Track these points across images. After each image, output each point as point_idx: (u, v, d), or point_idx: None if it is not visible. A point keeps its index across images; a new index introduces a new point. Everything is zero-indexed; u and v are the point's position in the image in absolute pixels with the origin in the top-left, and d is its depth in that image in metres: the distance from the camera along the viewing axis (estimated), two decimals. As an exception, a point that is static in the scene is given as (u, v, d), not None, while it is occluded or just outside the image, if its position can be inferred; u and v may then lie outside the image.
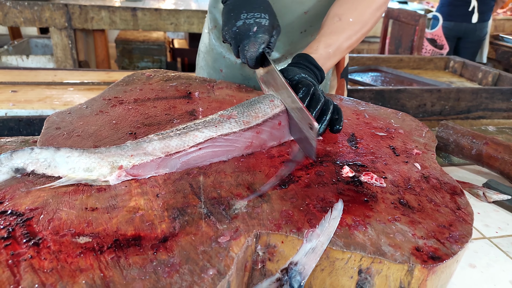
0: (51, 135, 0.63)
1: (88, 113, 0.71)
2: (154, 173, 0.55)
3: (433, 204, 0.54)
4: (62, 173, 0.50)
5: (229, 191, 0.53)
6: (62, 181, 0.50)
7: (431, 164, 0.64)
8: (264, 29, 0.68)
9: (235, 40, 0.69)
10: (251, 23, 0.67)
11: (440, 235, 0.48)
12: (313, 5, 0.89)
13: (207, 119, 0.63)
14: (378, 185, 0.56)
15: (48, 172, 0.50)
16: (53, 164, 0.50)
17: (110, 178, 0.51)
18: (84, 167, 0.51)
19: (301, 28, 0.93)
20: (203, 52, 1.09)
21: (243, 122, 0.63)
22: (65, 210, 0.46)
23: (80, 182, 0.50)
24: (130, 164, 0.53)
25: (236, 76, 1.03)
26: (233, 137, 0.61)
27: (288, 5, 0.89)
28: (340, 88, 1.10)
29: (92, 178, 0.51)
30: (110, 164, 0.52)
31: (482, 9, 3.03)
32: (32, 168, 0.50)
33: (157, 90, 0.84)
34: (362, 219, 0.49)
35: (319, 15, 0.91)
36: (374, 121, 0.78)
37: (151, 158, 0.54)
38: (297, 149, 0.65)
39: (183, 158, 0.57)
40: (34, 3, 2.62)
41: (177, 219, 0.47)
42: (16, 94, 1.60)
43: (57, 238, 0.42)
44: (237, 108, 0.66)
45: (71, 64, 2.79)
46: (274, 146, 0.65)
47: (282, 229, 0.46)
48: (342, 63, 1.07)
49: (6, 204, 0.47)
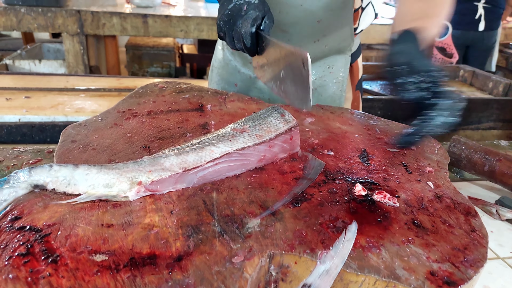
0: (67, 148, 0.64)
1: (103, 125, 0.72)
2: (171, 188, 0.56)
3: (447, 225, 0.53)
4: (82, 190, 0.51)
5: (242, 209, 0.53)
6: (83, 197, 0.51)
7: (444, 183, 0.64)
8: (254, 6, 0.69)
9: (228, 24, 0.70)
10: (241, 3, 0.69)
11: (454, 259, 0.47)
12: (326, 14, 0.89)
13: (220, 133, 0.64)
14: (391, 204, 0.56)
15: (68, 191, 0.51)
16: (72, 182, 0.51)
17: (129, 193, 0.52)
18: (103, 183, 0.52)
19: (314, 38, 0.93)
20: (216, 68, 1.10)
21: (256, 136, 0.64)
22: (82, 226, 0.47)
23: (100, 198, 0.51)
24: (149, 179, 0.54)
25: (251, 90, 1.04)
26: (247, 151, 0.62)
27: (301, 14, 0.89)
28: (355, 101, 1.09)
29: (112, 194, 0.52)
30: (129, 180, 0.53)
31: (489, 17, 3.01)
32: (52, 187, 0.51)
33: (170, 103, 0.84)
34: (376, 241, 0.49)
35: (332, 24, 0.91)
36: (385, 137, 0.78)
37: (169, 173, 0.55)
38: (310, 167, 0.65)
39: (200, 173, 0.58)
40: (48, 10, 2.67)
41: (191, 237, 0.47)
42: (29, 100, 1.63)
43: (75, 256, 0.43)
44: (248, 122, 0.67)
45: (82, 69, 2.83)
46: (285, 158, 0.66)
47: (296, 250, 0.46)
48: (357, 74, 1.07)
49: (25, 219, 0.47)
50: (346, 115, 0.87)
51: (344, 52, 0.98)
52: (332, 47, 0.96)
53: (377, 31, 3.31)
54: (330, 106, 0.91)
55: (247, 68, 1.02)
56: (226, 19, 0.70)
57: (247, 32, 0.67)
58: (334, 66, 0.99)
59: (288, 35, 0.92)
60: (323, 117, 0.85)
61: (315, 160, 0.66)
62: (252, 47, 0.69)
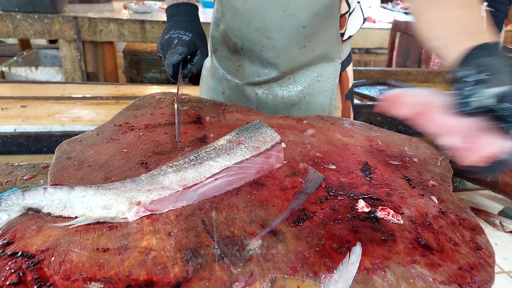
0: (62, 166, 0.62)
1: (99, 140, 0.71)
2: (171, 207, 0.54)
3: (452, 243, 0.52)
4: (79, 213, 0.50)
5: (243, 229, 0.51)
6: (80, 220, 0.49)
7: (448, 198, 0.63)
8: (183, 43, 0.78)
9: (162, 51, 0.81)
10: (174, 37, 0.79)
11: (461, 280, 0.46)
12: (310, 20, 0.88)
13: (216, 146, 0.63)
14: (395, 221, 0.55)
15: (64, 214, 0.49)
16: (68, 204, 0.49)
17: (128, 214, 0.51)
18: (101, 204, 0.50)
19: (300, 44, 0.92)
20: (205, 77, 1.10)
21: (253, 147, 0.63)
22: (77, 251, 0.45)
23: (98, 220, 0.50)
24: (148, 199, 0.52)
25: (238, 98, 1.03)
26: (246, 164, 0.61)
27: (285, 20, 0.88)
28: (346, 110, 1.07)
29: (111, 215, 0.50)
30: (128, 200, 0.52)
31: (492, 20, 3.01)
32: (48, 210, 0.49)
33: (168, 115, 0.83)
34: (381, 262, 0.47)
35: (317, 29, 0.90)
36: (387, 149, 0.77)
37: (169, 192, 0.54)
38: (309, 180, 0.63)
39: (200, 189, 0.57)
40: (44, 16, 2.65)
41: (190, 261, 0.45)
42: (25, 110, 1.61)
43: (69, 284, 0.41)
44: (243, 133, 0.67)
45: (79, 75, 2.81)
46: (286, 173, 0.64)
47: (299, 273, 0.45)
48: (347, 84, 1.05)
49: (17, 245, 0.46)
50: (346, 126, 0.86)
51: (333, 60, 0.97)
52: (320, 53, 0.95)
53: (376, 35, 3.31)
54: (330, 117, 0.90)
55: (234, 76, 1.02)
56: (160, 47, 0.81)
57: (169, 64, 0.77)
58: (323, 75, 0.97)
59: (273, 41, 0.91)
60: (323, 128, 0.83)
61: (315, 173, 0.65)
62: (173, 76, 0.79)
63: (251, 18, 0.90)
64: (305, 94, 0.99)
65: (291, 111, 1.00)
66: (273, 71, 0.97)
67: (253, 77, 0.99)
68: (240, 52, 0.98)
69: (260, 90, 1.00)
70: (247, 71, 1.00)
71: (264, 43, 0.92)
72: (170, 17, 0.86)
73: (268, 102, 1.00)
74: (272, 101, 1.00)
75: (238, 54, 1.00)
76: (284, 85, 0.99)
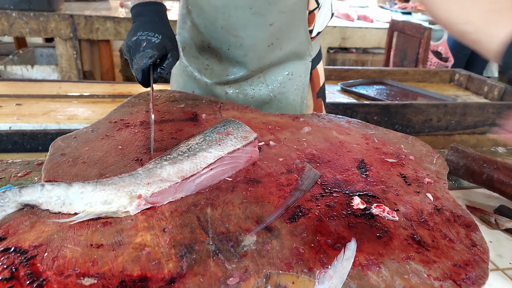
0: (56, 162, 0.62)
1: (93, 137, 0.70)
2: (171, 199, 0.55)
3: (447, 240, 0.52)
4: (79, 209, 0.49)
5: (238, 225, 0.51)
6: (81, 216, 0.49)
7: (444, 195, 0.63)
8: (152, 45, 0.72)
9: (129, 54, 0.75)
10: (142, 39, 0.73)
11: (456, 276, 0.46)
12: (277, 17, 0.87)
13: (206, 138, 0.64)
14: (391, 218, 0.55)
15: (63, 210, 0.49)
16: (67, 201, 0.49)
17: (130, 208, 0.51)
18: (101, 200, 0.50)
19: (267, 42, 0.90)
20: (175, 75, 1.07)
21: (242, 137, 0.65)
22: (70, 247, 0.45)
23: (99, 215, 0.50)
24: (149, 192, 0.53)
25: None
26: (237, 153, 0.63)
27: (251, 18, 0.86)
28: (317, 109, 1.06)
29: (112, 210, 0.50)
30: (128, 194, 0.52)
31: None
32: (46, 207, 0.49)
33: (163, 112, 0.83)
34: (376, 258, 0.47)
35: (285, 26, 0.89)
36: (383, 146, 0.77)
37: (169, 184, 0.55)
38: (305, 177, 0.63)
39: (197, 180, 0.58)
40: (40, 14, 2.64)
41: (184, 257, 0.45)
42: (21, 108, 1.60)
43: (62, 279, 0.41)
44: (230, 124, 0.68)
45: (75, 74, 2.80)
46: (282, 170, 0.64)
47: (293, 269, 0.45)
48: (318, 82, 1.03)
49: (9, 240, 0.45)
50: (343, 123, 0.86)
51: (303, 58, 0.96)
52: (289, 51, 0.94)
53: (373, 35, 3.32)
54: (327, 114, 0.90)
55: (203, 75, 1.00)
56: (127, 50, 0.75)
57: (138, 69, 0.71)
58: (293, 73, 0.96)
59: (240, 39, 0.89)
60: (320, 126, 0.83)
61: (311, 170, 0.65)
62: (143, 81, 0.73)
63: (216, 16, 0.87)
64: (276, 93, 0.97)
65: (262, 110, 0.98)
66: (242, 70, 0.95)
67: (222, 76, 0.97)
68: (208, 50, 0.96)
69: (230, 89, 0.98)
70: (215, 70, 0.98)
71: (231, 41, 0.90)
72: (136, 17, 0.80)
73: (239, 102, 0.98)
74: (243, 101, 0.98)
75: (206, 53, 0.97)
76: (255, 84, 0.97)
